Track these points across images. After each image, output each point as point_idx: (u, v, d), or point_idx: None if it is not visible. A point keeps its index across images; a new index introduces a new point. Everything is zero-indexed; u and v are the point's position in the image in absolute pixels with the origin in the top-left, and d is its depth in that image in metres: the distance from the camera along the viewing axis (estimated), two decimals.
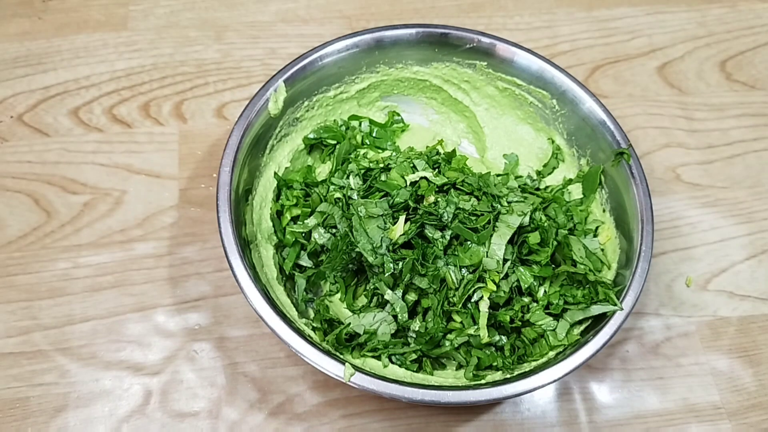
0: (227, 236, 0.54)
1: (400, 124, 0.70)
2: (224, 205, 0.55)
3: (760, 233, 0.70)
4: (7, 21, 0.77)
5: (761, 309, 0.66)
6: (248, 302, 0.52)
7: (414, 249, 0.56)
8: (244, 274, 0.53)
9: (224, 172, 0.56)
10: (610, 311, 0.54)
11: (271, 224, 0.61)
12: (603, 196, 0.63)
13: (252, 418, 0.59)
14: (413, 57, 0.66)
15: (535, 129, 0.68)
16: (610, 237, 0.61)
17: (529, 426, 0.60)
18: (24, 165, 0.69)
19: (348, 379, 0.49)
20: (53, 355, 0.60)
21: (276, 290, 0.57)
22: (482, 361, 0.56)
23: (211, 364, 0.60)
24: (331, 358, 0.50)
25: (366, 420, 0.59)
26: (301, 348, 0.50)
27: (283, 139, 0.64)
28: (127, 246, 0.65)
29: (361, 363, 0.54)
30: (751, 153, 0.74)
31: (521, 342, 0.57)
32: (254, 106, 0.59)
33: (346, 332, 0.55)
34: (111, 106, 0.72)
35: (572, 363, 0.51)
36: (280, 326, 0.51)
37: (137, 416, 0.58)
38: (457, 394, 0.50)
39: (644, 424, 0.60)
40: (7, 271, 0.63)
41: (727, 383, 0.62)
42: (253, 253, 0.58)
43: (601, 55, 0.79)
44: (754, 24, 0.82)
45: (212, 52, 0.76)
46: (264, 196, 0.62)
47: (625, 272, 0.56)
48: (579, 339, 0.54)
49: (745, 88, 0.78)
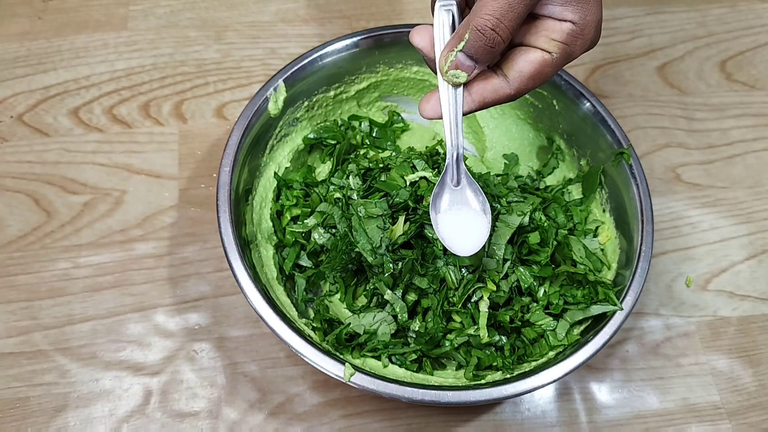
0: (227, 236, 0.54)
1: (400, 124, 0.70)
2: (224, 205, 0.55)
3: (760, 233, 0.70)
4: (7, 21, 0.77)
5: (761, 309, 0.66)
6: (248, 302, 0.52)
7: (414, 249, 0.56)
8: (244, 274, 0.53)
9: (224, 172, 0.56)
10: (610, 311, 0.54)
11: (271, 224, 0.61)
12: (603, 196, 0.63)
13: (252, 418, 0.59)
14: (413, 57, 0.66)
15: (535, 129, 0.68)
16: (610, 237, 0.61)
17: (529, 426, 0.60)
18: (24, 165, 0.69)
19: (348, 379, 0.49)
20: (53, 355, 0.60)
21: (276, 290, 0.57)
22: (482, 361, 0.56)
23: (211, 364, 0.60)
24: (331, 358, 0.50)
25: (366, 420, 0.59)
26: (301, 348, 0.51)
27: (283, 139, 0.64)
28: (127, 246, 0.65)
29: (361, 363, 0.54)
30: (751, 153, 0.74)
31: (521, 342, 0.57)
32: (254, 106, 0.59)
33: (346, 332, 0.55)
34: (111, 106, 0.72)
35: (572, 363, 0.51)
36: (280, 326, 0.51)
37: (137, 416, 0.58)
38: (457, 394, 0.50)
39: (644, 424, 0.60)
40: (7, 271, 0.63)
41: (727, 383, 0.62)
42: (253, 253, 0.58)
43: (601, 55, 0.79)
44: (755, 24, 0.82)
45: (212, 52, 0.76)
46: (264, 196, 0.62)
47: (625, 272, 0.56)
48: (579, 339, 0.54)
49: (745, 88, 0.78)
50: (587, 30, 0.46)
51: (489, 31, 0.43)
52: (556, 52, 0.45)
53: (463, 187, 0.50)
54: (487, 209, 0.49)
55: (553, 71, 0.46)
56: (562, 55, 0.46)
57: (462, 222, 0.50)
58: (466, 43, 0.44)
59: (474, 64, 0.45)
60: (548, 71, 0.46)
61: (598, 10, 0.46)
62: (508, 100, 0.47)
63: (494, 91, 0.47)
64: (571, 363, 0.51)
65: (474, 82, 0.46)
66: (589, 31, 0.46)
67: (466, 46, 0.44)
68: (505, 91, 0.46)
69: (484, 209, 0.50)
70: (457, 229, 0.50)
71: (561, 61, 0.46)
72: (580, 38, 0.46)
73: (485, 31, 0.43)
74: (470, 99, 0.47)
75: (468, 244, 0.49)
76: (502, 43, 0.44)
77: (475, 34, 0.44)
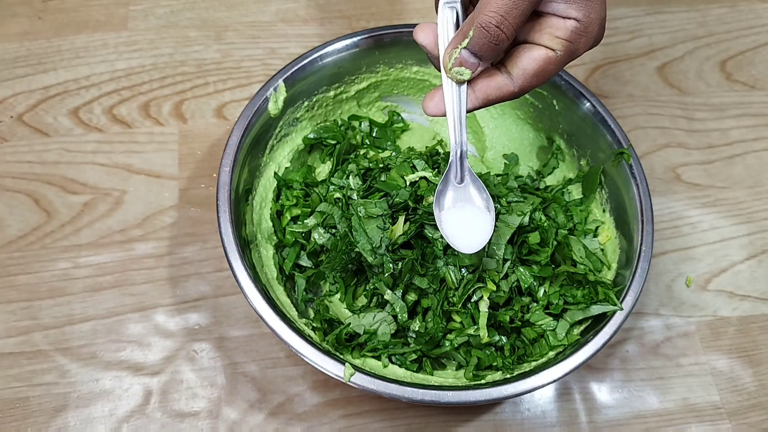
0: (227, 236, 0.54)
1: (400, 124, 0.70)
2: (224, 205, 0.55)
3: (760, 233, 0.70)
4: (7, 21, 0.77)
5: (761, 309, 0.66)
6: (248, 302, 0.52)
7: (413, 249, 0.56)
8: (244, 274, 0.53)
9: (224, 172, 0.56)
10: (610, 311, 0.54)
11: (271, 224, 0.61)
12: (603, 196, 0.63)
13: (252, 418, 0.59)
14: (413, 57, 0.66)
15: (535, 129, 0.68)
16: (610, 237, 0.61)
17: (529, 426, 0.60)
18: (24, 165, 0.69)
19: (348, 379, 0.49)
20: (53, 355, 0.60)
21: (276, 290, 0.57)
22: (482, 361, 0.56)
23: (211, 364, 0.60)
24: (330, 358, 0.50)
25: (366, 420, 0.59)
26: (301, 348, 0.51)
27: (283, 139, 0.64)
28: (127, 246, 0.65)
29: (361, 363, 0.54)
30: (751, 153, 0.74)
31: (521, 342, 0.57)
32: (254, 106, 0.59)
33: (346, 332, 0.55)
34: (111, 106, 0.72)
35: (572, 363, 0.51)
36: (280, 326, 0.51)
37: (137, 416, 0.58)
38: (457, 394, 0.50)
39: (644, 424, 0.60)
40: (7, 271, 0.64)
41: (727, 383, 0.62)
42: (253, 253, 0.58)
43: (601, 55, 0.79)
44: (755, 24, 0.82)
45: (212, 52, 0.76)
46: (264, 196, 0.62)
47: (625, 272, 0.56)
48: (579, 339, 0.54)
49: (745, 88, 0.78)
50: (591, 27, 0.46)
51: (493, 28, 0.43)
52: (560, 50, 0.46)
53: (467, 185, 0.50)
54: (491, 206, 0.49)
55: (557, 69, 0.47)
56: (566, 53, 0.46)
57: (466, 219, 0.50)
58: (470, 40, 0.44)
59: (478, 61, 0.45)
60: (552, 69, 0.46)
61: (602, 7, 0.46)
62: (511, 98, 0.48)
63: (498, 88, 0.47)
64: (571, 363, 0.51)
65: (478, 80, 0.47)
66: (593, 28, 0.46)
67: (470, 44, 0.44)
68: (509, 88, 0.47)
69: (488, 206, 0.50)
70: (461, 226, 0.50)
71: (565, 59, 0.46)
72: (584, 36, 0.46)
73: (489, 28, 0.43)
74: (474, 96, 0.47)
75: (472, 241, 0.49)
76: (507, 41, 0.44)
77: (479, 31, 0.44)
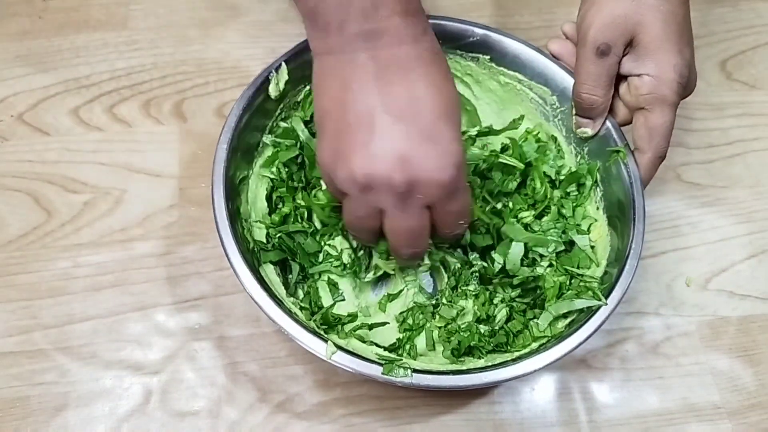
0: (220, 211, 0.54)
1: None
2: (219, 181, 0.55)
3: (760, 233, 0.70)
4: (7, 20, 0.77)
5: (761, 309, 0.66)
6: (233, 270, 0.51)
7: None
8: (232, 245, 0.53)
9: (221, 149, 0.56)
10: (595, 305, 0.54)
11: (266, 204, 0.61)
12: (597, 193, 0.63)
13: (252, 417, 0.59)
14: None
15: (535, 125, 0.68)
16: (602, 235, 0.61)
17: (529, 425, 0.60)
18: (24, 164, 0.69)
19: (329, 357, 0.49)
20: (53, 354, 0.60)
21: (266, 268, 0.57)
22: (462, 343, 0.57)
23: (211, 363, 0.61)
24: (315, 336, 0.50)
25: (366, 420, 0.59)
26: (286, 324, 0.50)
27: (283, 123, 0.63)
28: (128, 245, 0.65)
29: (345, 344, 0.54)
30: (751, 153, 0.74)
31: (504, 332, 0.58)
32: (254, 86, 0.59)
33: (332, 314, 0.56)
34: (111, 106, 0.72)
35: (555, 354, 0.51)
36: (267, 302, 0.51)
37: (137, 415, 0.58)
38: (437, 378, 0.50)
39: (644, 423, 0.60)
40: (7, 271, 0.63)
41: (727, 383, 0.62)
42: (245, 231, 0.58)
43: None
44: (755, 23, 0.82)
45: (212, 52, 0.76)
46: (260, 176, 0.61)
47: (613, 270, 0.56)
48: (563, 332, 0.54)
49: (745, 87, 0.78)
50: (666, 76, 0.53)
51: (584, 96, 0.57)
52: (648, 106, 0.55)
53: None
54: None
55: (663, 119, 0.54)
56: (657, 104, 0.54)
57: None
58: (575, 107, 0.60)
59: (591, 120, 0.59)
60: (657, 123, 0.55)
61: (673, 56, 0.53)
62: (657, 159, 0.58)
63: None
64: (553, 354, 0.51)
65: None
66: (669, 75, 0.53)
67: (576, 110, 0.60)
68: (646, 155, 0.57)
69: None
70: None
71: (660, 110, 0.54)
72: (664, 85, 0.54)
73: (580, 97, 0.58)
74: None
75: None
76: (601, 100, 0.57)
77: (576, 101, 0.59)
